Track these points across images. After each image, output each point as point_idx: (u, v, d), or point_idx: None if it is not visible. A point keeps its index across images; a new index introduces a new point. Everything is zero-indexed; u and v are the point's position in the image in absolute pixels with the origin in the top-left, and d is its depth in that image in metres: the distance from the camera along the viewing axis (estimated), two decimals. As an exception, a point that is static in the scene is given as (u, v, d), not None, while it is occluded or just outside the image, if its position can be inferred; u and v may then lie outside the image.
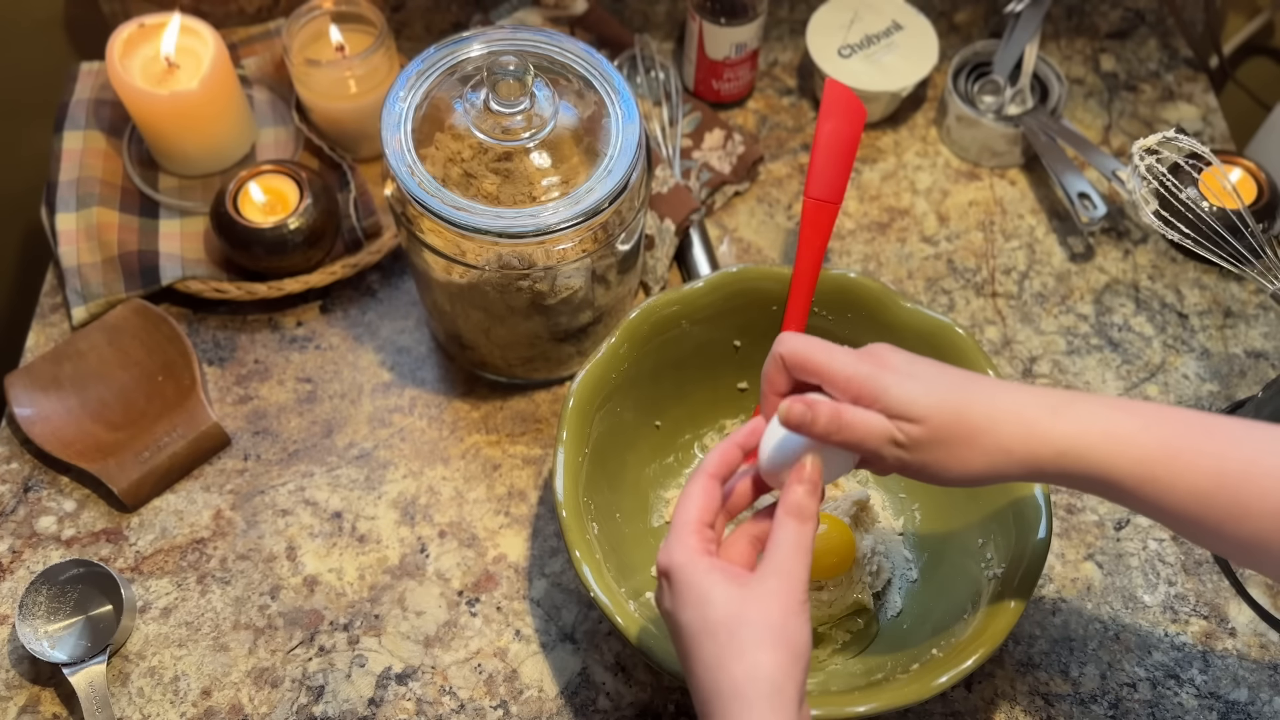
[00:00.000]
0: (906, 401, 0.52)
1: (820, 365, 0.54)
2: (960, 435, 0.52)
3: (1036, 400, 0.52)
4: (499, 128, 0.68)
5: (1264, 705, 0.71)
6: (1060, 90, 0.92)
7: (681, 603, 0.51)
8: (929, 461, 0.52)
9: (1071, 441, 0.51)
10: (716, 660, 0.49)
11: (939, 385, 0.53)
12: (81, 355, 0.80)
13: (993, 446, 0.52)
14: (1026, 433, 0.51)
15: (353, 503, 0.77)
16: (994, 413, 0.52)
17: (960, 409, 0.52)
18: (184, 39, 0.85)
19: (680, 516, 0.53)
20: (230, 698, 0.71)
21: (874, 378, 0.52)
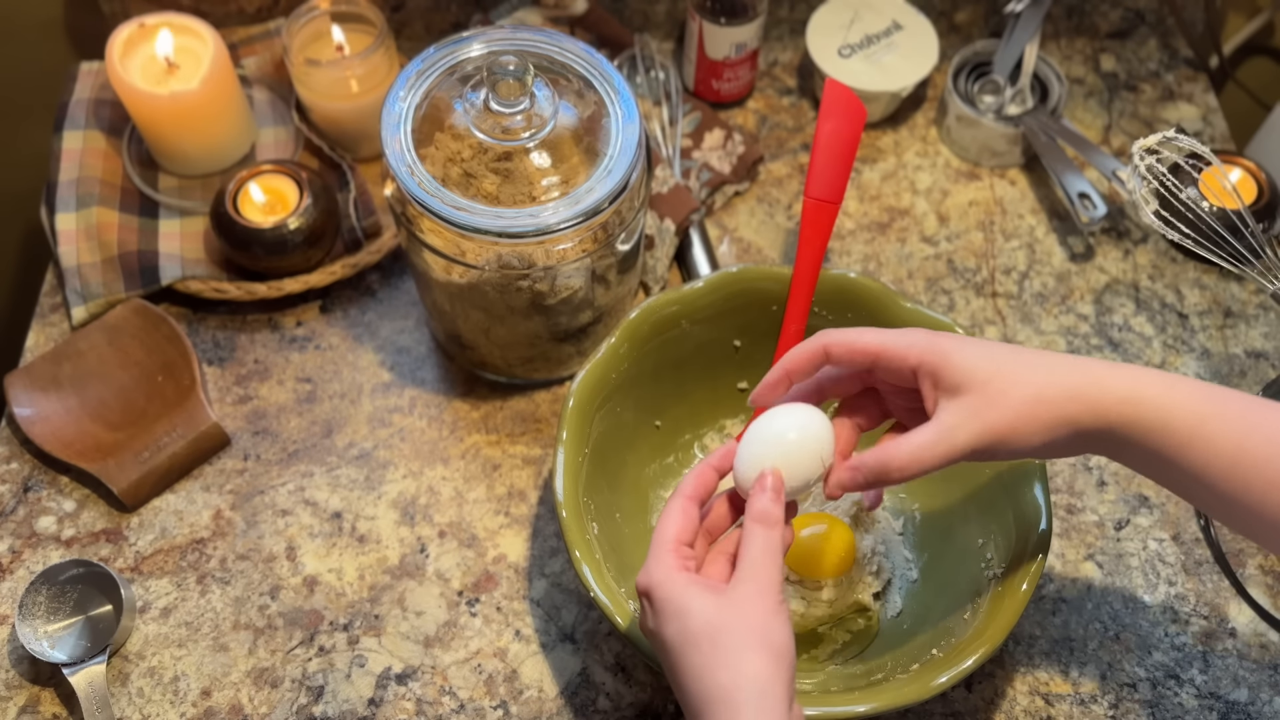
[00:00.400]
0: (970, 364, 0.53)
1: (872, 343, 0.56)
2: (1029, 393, 0.53)
3: (1092, 362, 0.54)
4: (499, 127, 0.68)
5: (1264, 705, 0.71)
6: (1060, 90, 0.92)
7: (663, 618, 0.51)
8: (997, 424, 0.53)
9: (1131, 389, 0.52)
10: (701, 669, 0.49)
11: (997, 349, 0.54)
12: (81, 355, 0.80)
13: (1060, 397, 0.52)
14: (1090, 380, 0.52)
15: (352, 503, 0.77)
16: (1056, 366, 0.53)
17: (1023, 366, 0.53)
18: (184, 39, 0.85)
19: (657, 537, 0.54)
20: (230, 698, 0.71)
21: (934, 345, 0.54)
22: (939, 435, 0.53)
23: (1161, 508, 0.78)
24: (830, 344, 0.57)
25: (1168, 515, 0.78)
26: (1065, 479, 0.79)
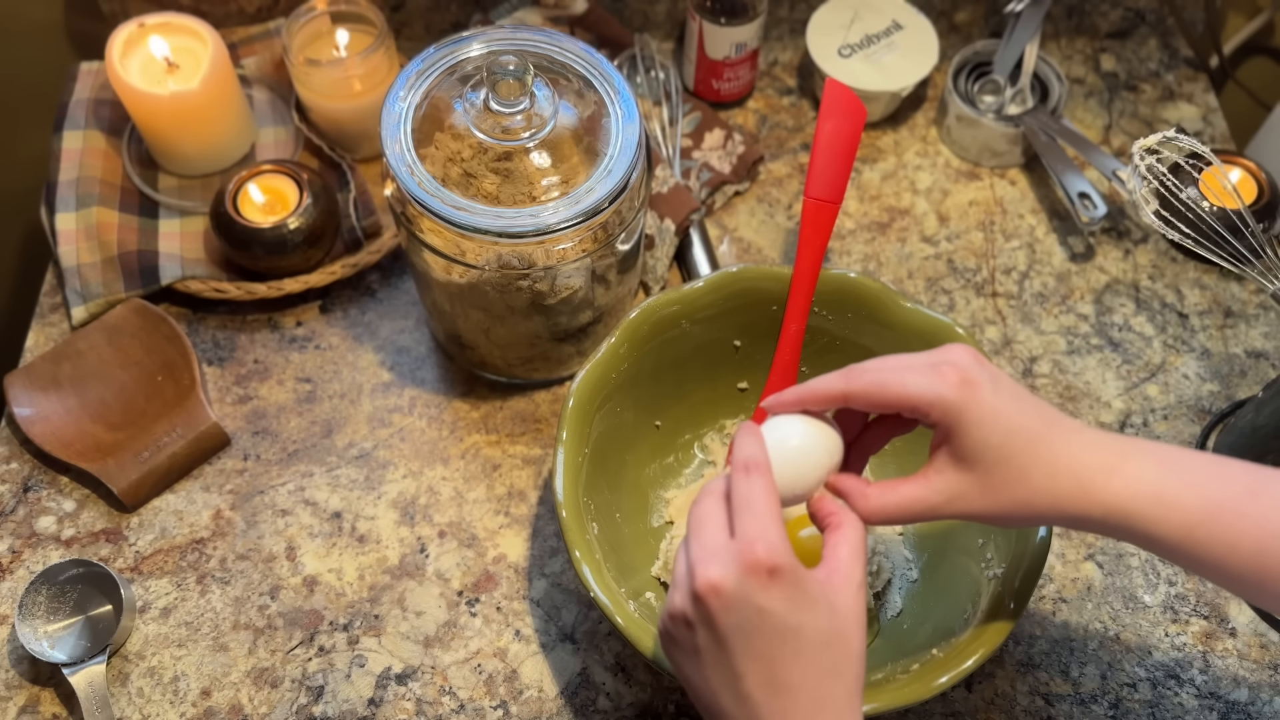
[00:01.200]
0: (982, 445, 0.52)
1: (895, 396, 0.53)
2: (1021, 496, 0.53)
3: (1094, 458, 0.52)
4: (499, 127, 0.68)
5: (1264, 705, 0.71)
6: (1060, 90, 0.91)
7: (805, 604, 0.49)
8: (985, 512, 0.54)
9: (1121, 504, 0.52)
10: (844, 663, 0.49)
11: (1017, 430, 0.53)
12: (81, 355, 0.80)
13: (1048, 508, 0.53)
14: (1080, 491, 0.52)
15: (352, 503, 0.77)
16: (1055, 465, 0.52)
17: (1029, 461, 0.53)
18: (184, 39, 0.85)
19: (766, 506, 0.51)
20: (230, 698, 0.70)
21: (957, 411, 0.52)
22: (927, 502, 0.54)
23: (1162, 508, 0.78)
24: (852, 394, 0.55)
25: (1168, 515, 0.78)
26: (1065, 479, 0.79)
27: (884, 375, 0.54)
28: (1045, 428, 0.53)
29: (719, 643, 0.49)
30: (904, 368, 0.54)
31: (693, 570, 0.50)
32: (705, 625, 0.49)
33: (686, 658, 0.51)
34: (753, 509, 0.50)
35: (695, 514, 0.52)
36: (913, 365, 0.54)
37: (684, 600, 0.50)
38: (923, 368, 0.53)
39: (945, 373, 0.52)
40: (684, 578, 0.50)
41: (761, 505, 0.50)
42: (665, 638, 0.53)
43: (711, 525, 0.51)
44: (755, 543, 0.49)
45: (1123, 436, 0.54)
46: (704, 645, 0.50)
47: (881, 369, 0.54)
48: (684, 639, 0.51)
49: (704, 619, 0.49)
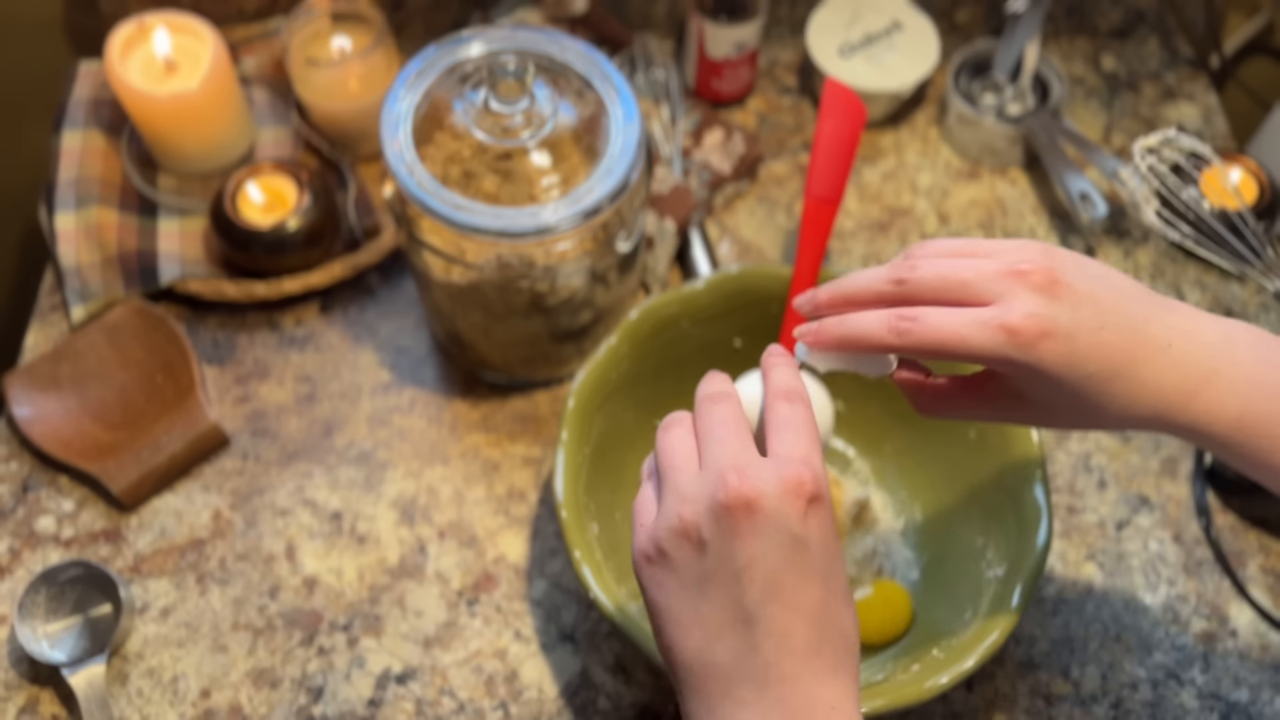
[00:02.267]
0: (1050, 394, 0.48)
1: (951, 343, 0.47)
2: (1088, 410, 0.48)
3: (1178, 380, 0.48)
4: (499, 127, 0.68)
5: (1265, 706, 0.71)
6: (1061, 90, 0.91)
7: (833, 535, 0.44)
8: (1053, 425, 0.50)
9: (1199, 427, 0.49)
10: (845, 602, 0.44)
11: (1105, 345, 0.47)
12: (80, 355, 0.80)
13: (1114, 421, 0.49)
14: (1155, 417, 0.48)
15: (352, 503, 0.77)
16: (1131, 397, 0.48)
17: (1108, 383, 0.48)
18: (183, 38, 0.85)
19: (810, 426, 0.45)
20: (229, 698, 0.70)
21: (1026, 363, 0.46)
22: (995, 412, 0.50)
23: (1162, 508, 0.78)
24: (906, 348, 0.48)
25: (1168, 516, 0.78)
26: (1065, 479, 0.79)
27: (943, 333, 0.46)
28: (1126, 362, 0.47)
29: (735, 574, 0.42)
30: (965, 323, 0.46)
31: (722, 477, 0.42)
32: (722, 548, 0.42)
33: (678, 585, 0.43)
34: (798, 431, 0.44)
35: (713, 416, 0.45)
36: (975, 318, 0.46)
37: (696, 512, 0.42)
38: (989, 322, 0.46)
39: (1017, 328, 0.46)
40: (700, 486, 0.43)
41: (807, 431, 0.44)
42: (647, 556, 0.44)
43: (735, 434, 0.44)
44: (800, 464, 0.42)
45: (1217, 341, 0.49)
46: (711, 571, 0.42)
47: (938, 323, 0.47)
48: (681, 561, 0.43)
49: (723, 539, 0.42)
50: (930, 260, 0.49)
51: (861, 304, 0.50)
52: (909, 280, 0.48)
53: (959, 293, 0.47)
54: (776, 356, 0.49)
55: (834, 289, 0.51)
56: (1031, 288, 0.46)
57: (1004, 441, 0.68)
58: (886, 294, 0.49)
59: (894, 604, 0.70)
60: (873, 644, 0.70)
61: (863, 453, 0.78)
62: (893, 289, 0.49)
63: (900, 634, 0.70)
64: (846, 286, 0.51)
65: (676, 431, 0.47)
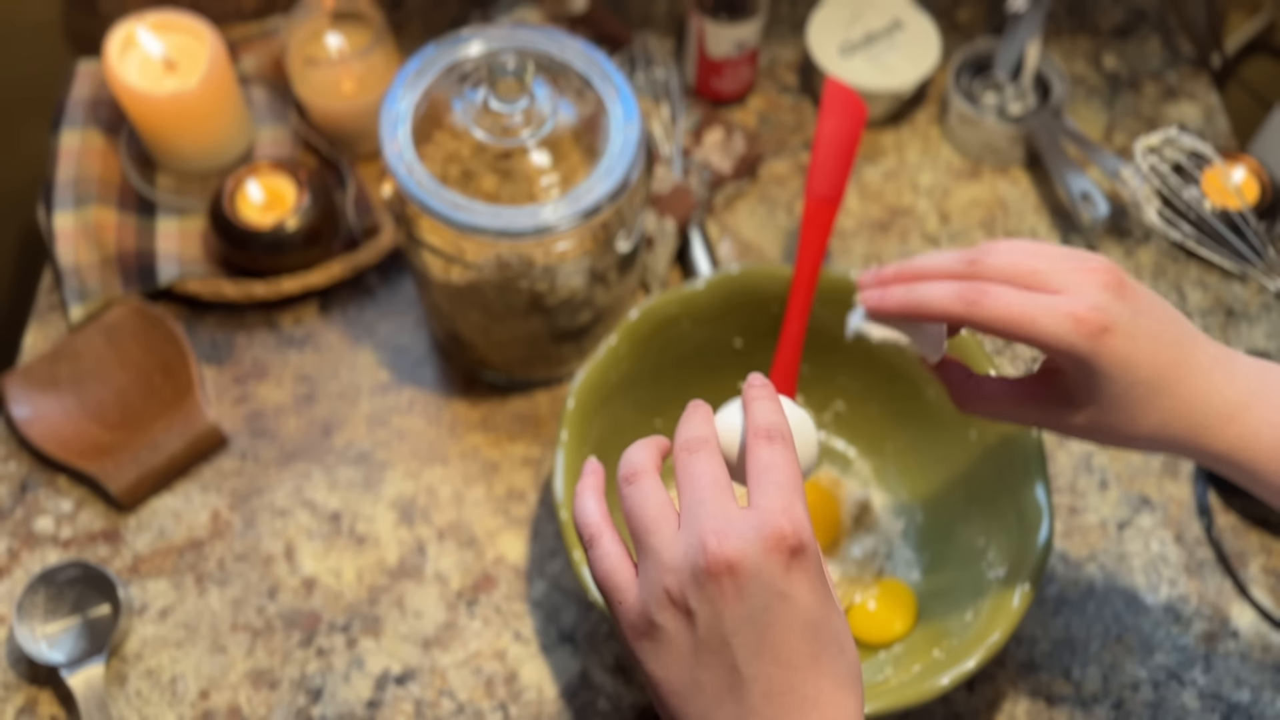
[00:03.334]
0: (1106, 384, 0.50)
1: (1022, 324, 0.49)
2: (1133, 434, 0.51)
3: (1217, 403, 0.51)
4: (498, 126, 0.68)
5: (1266, 706, 0.71)
6: (1062, 89, 0.91)
7: (826, 592, 0.43)
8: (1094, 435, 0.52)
9: (1233, 452, 0.51)
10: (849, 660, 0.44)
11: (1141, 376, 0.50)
12: (79, 355, 0.80)
13: (1151, 437, 0.51)
14: (1193, 437, 0.51)
15: (351, 503, 0.77)
16: (1172, 413, 0.51)
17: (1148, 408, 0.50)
18: (182, 37, 0.85)
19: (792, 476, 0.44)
20: (228, 699, 0.70)
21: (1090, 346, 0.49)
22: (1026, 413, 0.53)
23: (1164, 509, 0.78)
24: (972, 320, 0.49)
25: (1170, 516, 0.77)
26: (1067, 480, 0.78)
27: (1013, 311, 0.49)
28: (1172, 376, 0.50)
29: (725, 639, 0.41)
30: (1036, 306, 0.49)
31: (704, 544, 0.41)
32: (711, 613, 0.41)
33: (673, 658, 0.43)
34: (778, 477, 0.43)
35: (691, 472, 0.44)
36: (1046, 303, 0.49)
37: (680, 582, 0.42)
38: (1059, 309, 0.48)
39: (1084, 318, 0.48)
40: (681, 552, 0.42)
41: (787, 474, 0.43)
42: (639, 631, 0.43)
43: (713, 491, 0.43)
44: (780, 515, 0.42)
45: (1257, 373, 0.51)
46: (704, 639, 0.42)
47: (1009, 300, 0.49)
48: (674, 633, 0.42)
49: (710, 606, 0.41)
50: (1003, 249, 0.51)
51: (930, 279, 0.52)
52: (981, 261, 0.50)
53: (1029, 279, 0.49)
54: (758, 389, 0.48)
55: (902, 264, 0.53)
56: (1100, 285, 0.49)
57: (1005, 442, 0.68)
58: (957, 271, 0.51)
59: (899, 603, 0.70)
60: (880, 643, 0.70)
61: (863, 453, 0.78)
62: (964, 267, 0.51)
63: (907, 632, 0.70)
64: (916, 263, 0.53)
65: (643, 486, 0.45)
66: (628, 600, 0.44)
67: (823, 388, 0.77)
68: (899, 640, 0.70)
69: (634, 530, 0.44)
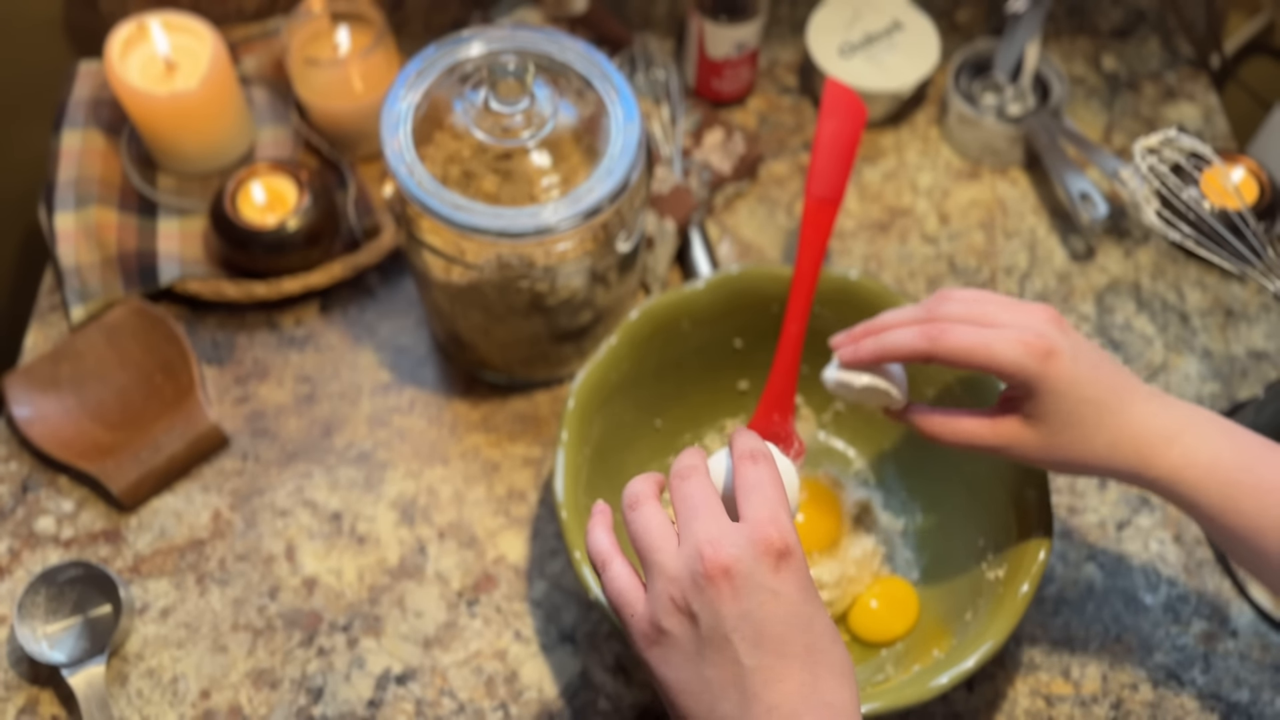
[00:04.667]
0: (1056, 404, 0.56)
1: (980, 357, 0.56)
2: (1087, 454, 0.57)
3: (1158, 426, 0.57)
4: (499, 127, 0.68)
5: (1265, 706, 0.71)
6: (1061, 89, 0.91)
7: (808, 593, 0.47)
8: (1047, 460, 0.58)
9: (1175, 472, 0.56)
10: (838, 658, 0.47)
11: (1087, 396, 0.56)
12: (80, 355, 0.80)
13: (1103, 459, 0.57)
14: (1139, 459, 0.57)
15: (352, 503, 0.77)
16: (1119, 435, 0.57)
17: (1096, 429, 0.57)
18: (183, 38, 0.85)
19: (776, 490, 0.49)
20: (229, 699, 0.70)
21: (1039, 370, 0.56)
22: (989, 443, 0.59)
23: (1163, 509, 0.78)
24: (936, 355, 0.57)
25: (1169, 516, 0.77)
26: (1066, 480, 0.79)
27: (970, 341, 0.56)
28: (1115, 399, 0.56)
29: (725, 636, 0.45)
30: (990, 336, 0.56)
31: (700, 552, 0.46)
32: (711, 616, 0.46)
33: (681, 659, 0.47)
34: (763, 492, 0.48)
35: (684, 493, 0.49)
36: (999, 334, 0.56)
37: (683, 589, 0.46)
38: (1010, 337, 0.56)
39: (1032, 343, 0.55)
40: (681, 562, 0.47)
41: (772, 489, 0.49)
42: (650, 638, 0.48)
43: (706, 507, 0.48)
44: (767, 524, 0.47)
45: (1189, 406, 0.58)
46: (707, 638, 0.46)
47: (966, 333, 0.57)
48: (680, 636, 0.46)
49: (710, 608, 0.46)
50: (956, 297, 0.59)
51: (896, 328, 0.60)
52: (939, 309, 0.59)
53: (982, 319, 0.57)
54: (740, 430, 0.54)
55: (869, 322, 0.62)
56: (1045, 319, 0.57)
57: (1004, 442, 0.68)
58: (919, 318, 0.59)
59: (901, 601, 0.70)
60: (881, 641, 0.70)
61: (863, 453, 0.78)
62: (924, 314, 0.59)
63: (908, 630, 0.70)
64: (882, 318, 0.61)
65: (645, 510, 0.50)
66: (638, 612, 0.48)
67: (822, 388, 0.77)
68: (900, 639, 0.70)
69: (639, 550, 0.49)
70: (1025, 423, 0.58)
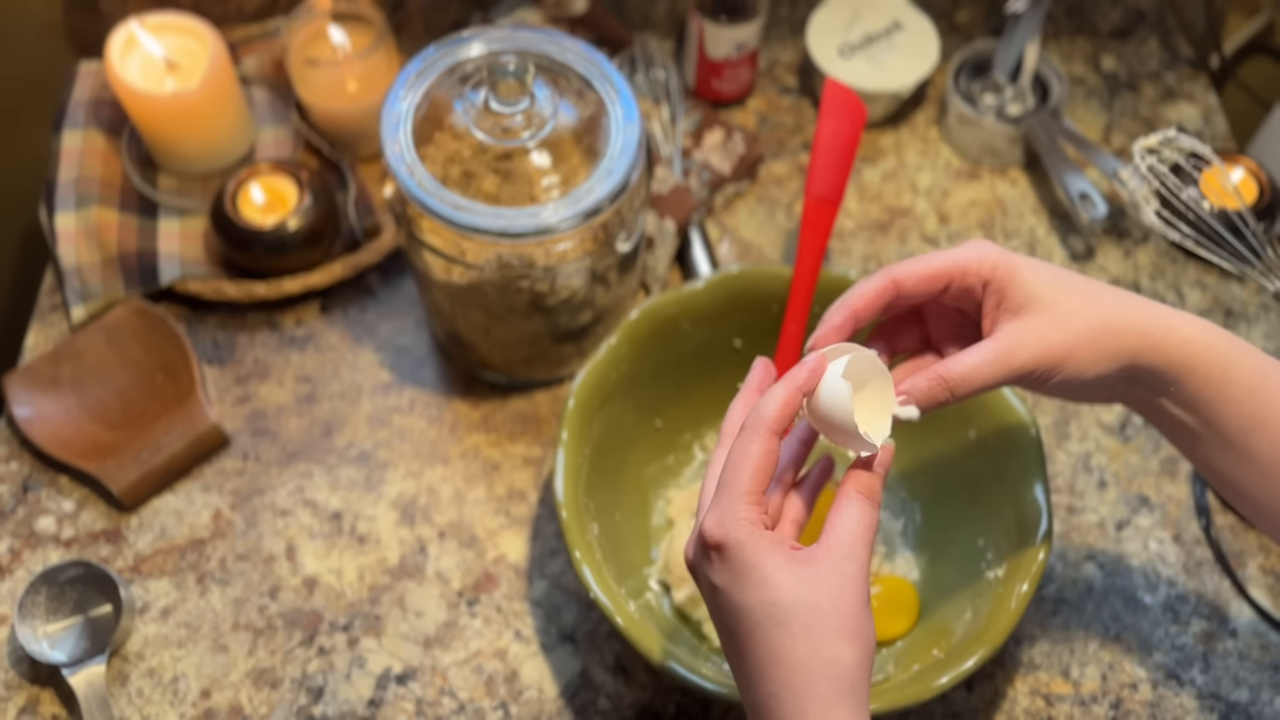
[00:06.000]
0: (1040, 284, 0.52)
1: (941, 265, 0.53)
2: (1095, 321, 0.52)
3: (1157, 303, 0.54)
4: (499, 127, 0.68)
5: (1265, 706, 0.71)
6: (1061, 90, 0.91)
7: (741, 583, 0.47)
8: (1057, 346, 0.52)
9: (1200, 334, 0.52)
10: (787, 651, 0.45)
11: (1066, 273, 0.53)
12: (80, 355, 0.80)
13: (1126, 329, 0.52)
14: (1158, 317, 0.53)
15: (352, 503, 0.77)
16: (1125, 299, 0.53)
17: (1092, 292, 0.53)
18: (183, 38, 0.85)
19: (734, 478, 0.48)
20: (230, 698, 0.70)
21: (1006, 259, 0.53)
22: (997, 353, 0.52)
23: (1162, 508, 0.78)
24: (899, 277, 0.53)
25: (1168, 516, 0.78)
26: (1065, 479, 0.79)
27: (928, 259, 0.53)
28: (1096, 281, 0.54)
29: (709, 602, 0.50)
30: (944, 251, 0.54)
31: (703, 525, 0.49)
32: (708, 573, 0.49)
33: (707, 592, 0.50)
34: (718, 479, 0.49)
35: (711, 467, 0.52)
36: (951, 249, 0.54)
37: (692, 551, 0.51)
38: (963, 247, 0.54)
39: (986, 241, 0.54)
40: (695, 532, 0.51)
41: (726, 475, 0.48)
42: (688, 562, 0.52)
43: (722, 483, 0.49)
44: (707, 517, 0.48)
45: None
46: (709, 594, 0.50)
47: (922, 257, 0.54)
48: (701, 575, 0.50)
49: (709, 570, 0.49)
50: None
51: None
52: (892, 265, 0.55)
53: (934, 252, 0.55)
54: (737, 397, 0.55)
55: None
56: None
57: (1004, 442, 0.68)
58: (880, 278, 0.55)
59: (902, 599, 0.70)
60: (882, 640, 0.70)
61: (863, 453, 0.78)
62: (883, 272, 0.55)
63: (909, 628, 0.70)
64: None
65: (715, 458, 0.53)
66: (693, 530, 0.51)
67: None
68: (900, 639, 0.70)
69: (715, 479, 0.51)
70: (1021, 312, 0.52)
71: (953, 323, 0.57)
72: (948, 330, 0.57)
